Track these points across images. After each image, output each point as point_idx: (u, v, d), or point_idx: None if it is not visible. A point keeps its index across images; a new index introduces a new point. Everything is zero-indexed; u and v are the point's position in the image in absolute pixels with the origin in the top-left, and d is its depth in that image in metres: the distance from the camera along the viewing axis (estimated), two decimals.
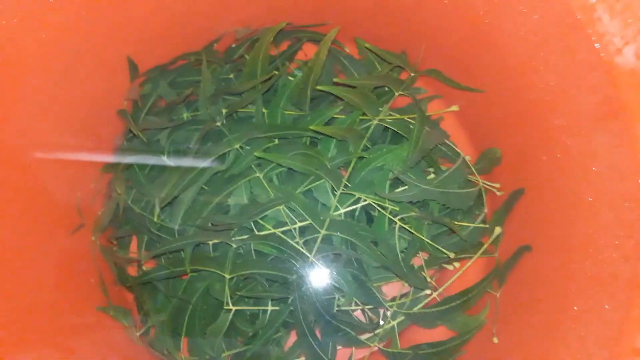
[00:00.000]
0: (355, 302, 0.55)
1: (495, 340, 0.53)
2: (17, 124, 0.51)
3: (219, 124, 0.55)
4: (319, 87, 0.52)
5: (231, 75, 0.61)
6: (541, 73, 0.49)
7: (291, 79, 0.58)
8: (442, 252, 0.53)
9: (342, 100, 0.54)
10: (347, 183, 0.53)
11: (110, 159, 0.60)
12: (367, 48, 0.60)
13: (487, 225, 0.57)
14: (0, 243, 0.49)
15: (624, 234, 0.43)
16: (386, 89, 0.60)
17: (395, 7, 0.59)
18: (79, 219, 0.59)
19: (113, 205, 0.58)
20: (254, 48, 0.55)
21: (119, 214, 0.58)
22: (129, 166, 0.58)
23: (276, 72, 0.56)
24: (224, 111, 0.56)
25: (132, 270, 0.61)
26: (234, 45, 0.63)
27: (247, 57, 0.56)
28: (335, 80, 0.54)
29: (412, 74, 0.58)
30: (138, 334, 0.56)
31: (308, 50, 0.66)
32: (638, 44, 0.41)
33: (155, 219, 0.54)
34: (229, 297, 0.52)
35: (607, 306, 0.42)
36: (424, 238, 0.53)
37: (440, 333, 0.55)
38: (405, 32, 0.61)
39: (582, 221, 0.47)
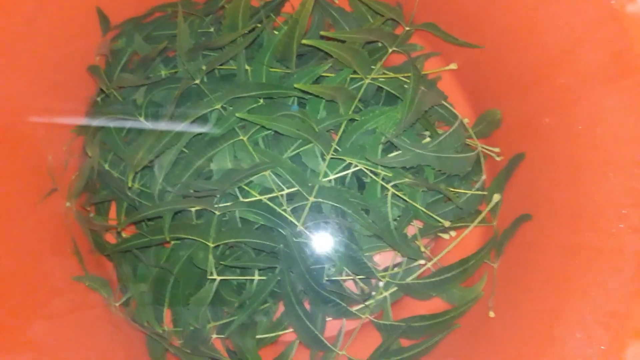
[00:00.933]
0: (346, 272, 0.53)
1: (492, 314, 0.51)
2: None
3: (197, 81, 0.51)
4: (304, 42, 0.48)
5: (212, 29, 0.56)
6: (546, 27, 0.45)
7: (276, 33, 0.53)
8: (437, 220, 0.51)
9: (332, 57, 0.50)
10: (337, 147, 0.51)
11: (83, 120, 0.56)
12: None
13: (485, 193, 0.54)
14: None
15: (632, 203, 0.40)
16: (379, 44, 0.56)
17: None
18: (50, 184, 0.55)
19: (88, 169, 0.55)
20: None
21: (94, 178, 0.55)
22: (104, 127, 0.55)
23: (259, 25, 0.52)
24: (203, 68, 0.52)
25: (111, 238, 0.59)
26: None
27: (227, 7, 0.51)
28: (322, 33, 0.49)
29: (407, 28, 0.55)
30: (117, 304, 0.54)
31: (296, 3, 0.62)
32: None
33: (129, 184, 0.51)
34: (213, 267, 0.50)
35: (612, 281, 0.39)
36: (418, 206, 0.50)
37: (434, 305, 0.53)
38: None
39: (587, 189, 0.44)
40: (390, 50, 0.53)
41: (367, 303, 0.53)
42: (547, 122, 0.49)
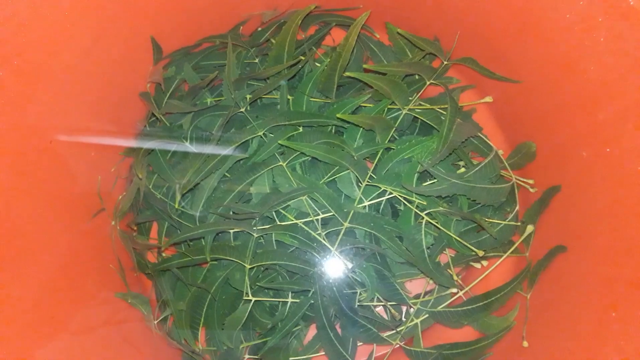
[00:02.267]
0: (378, 298, 0.54)
1: (525, 344, 0.50)
2: (40, 106, 0.50)
3: (242, 110, 0.54)
4: (347, 74, 0.50)
5: (256, 60, 0.59)
6: (585, 63, 0.46)
7: (318, 65, 0.56)
8: (470, 249, 0.51)
9: (370, 88, 0.52)
10: (372, 175, 0.52)
11: (132, 142, 0.59)
12: (398, 33, 0.57)
13: (518, 223, 0.55)
14: (21, 225, 0.48)
15: None
16: (417, 77, 0.57)
17: None
18: (99, 203, 0.58)
19: (134, 190, 0.57)
20: (280, 32, 0.53)
21: (140, 199, 0.57)
22: (150, 151, 0.57)
23: (302, 58, 0.54)
24: (248, 97, 0.54)
25: (151, 257, 0.61)
26: (260, 29, 0.61)
27: (273, 41, 0.54)
28: (364, 66, 0.51)
29: (445, 62, 0.56)
30: (156, 322, 0.56)
31: (336, 36, 0.64)
32: None
33: (176, 206, 0.53)
34: (248, 288, 0.51)
35: None
36: (451, 234, 0.51)
37: (466, 333, 0.53)
38: (439, 18, 0.58)
39: (622, 223, 0.44)
40: (427, 82, 0.55)
41: (398, 329, 0.53)
42: (585, 155, 0.49)
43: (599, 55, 0.44)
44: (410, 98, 0.53)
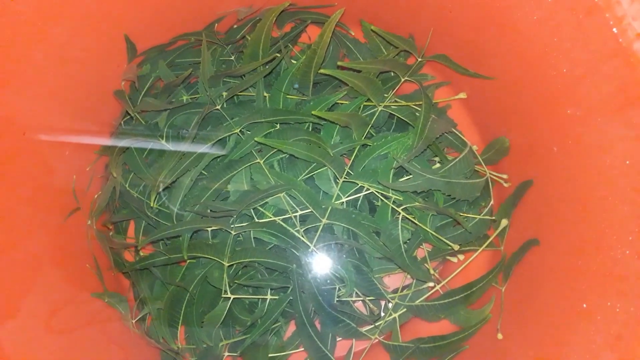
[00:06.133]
0: (356, 293, 0.54)
1: (500, 336, 0.51)
2: (11, 104, 0.50)
3: (218, 107, 0.54)
4: (322, 71, 0.50)
5: (232, 57, 0.59)
6: (554, 60, 0.47)
7: (294, 62, 0.56)
8: (446, 244, 0.52)
9: (346, 85, 0.53)
10: (349, 171, 0.52)
11: (107, 141, 0.59)
12: (373, 31, 0.58)
13: (493, 218, 0.56)
14: None
15: (638, 230, 0.41)
16: (392, 74, 0.58)
17: None
18: (74, 203, 0.57)
19: (110, 189, 0.57)
20: (255, 29, 0.53)
21: (116, 198, 0.57)
22: (126, 149, 0.57)
23: (278, 55, 0.54)
24: (224, 94, 0.54)
25: (129, 256, 0.60)
26: (235, 26, 0.61)
27: (249, 38, 0.54)
28: (339, 63, 0.52)
29: (419, 59, 0.56)
30: (134, 321, 0.55)
31: (312, 33, 0.64)
32: None
33: (152, 204, 0.52)
34: (227, 285, 0.51)
35: (618, 305, 0.40)
36: (427, 229, 0.51)
37: (443, 327, 0.54)
38: (413, 15, 0.59)
39: (593, 216, 0.45)
40: (402, 79, 0.55)
41: (376, 324, 0.54)
42: (555, 150, 0.50)
43: (567, 51, 0.45)
44: (385, 95, 0.54)
